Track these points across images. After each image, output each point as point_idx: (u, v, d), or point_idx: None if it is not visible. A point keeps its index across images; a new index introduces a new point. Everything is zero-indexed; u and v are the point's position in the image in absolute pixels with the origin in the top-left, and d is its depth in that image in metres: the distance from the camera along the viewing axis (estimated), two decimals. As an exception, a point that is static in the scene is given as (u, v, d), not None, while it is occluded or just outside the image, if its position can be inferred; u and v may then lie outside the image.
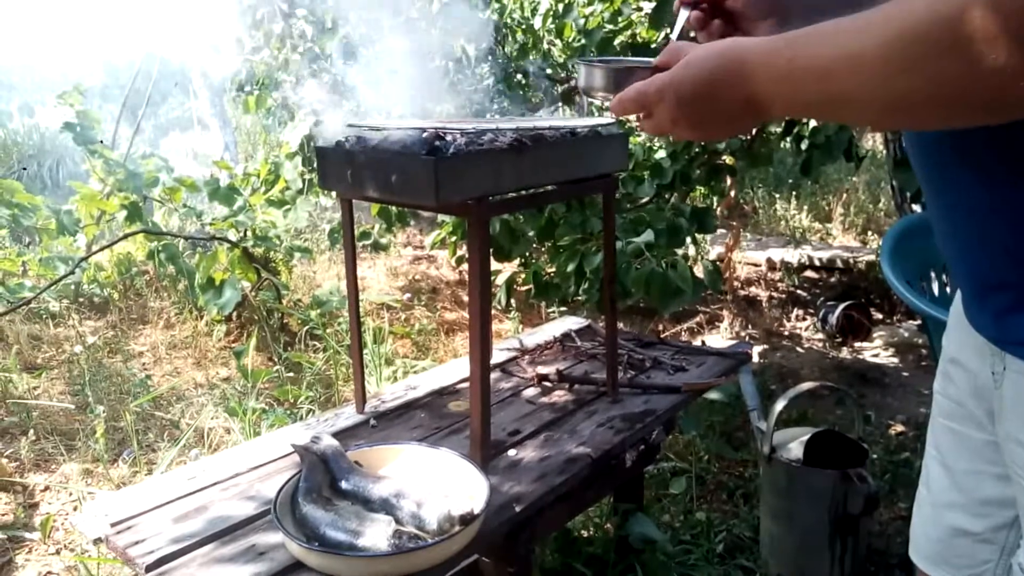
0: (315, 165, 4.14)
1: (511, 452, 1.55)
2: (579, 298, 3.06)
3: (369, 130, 1.50)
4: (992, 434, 0.95)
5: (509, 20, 3.92)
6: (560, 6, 3.71)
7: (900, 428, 3.21)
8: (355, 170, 1.46)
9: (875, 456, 2.84)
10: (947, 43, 0.59)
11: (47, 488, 2.66)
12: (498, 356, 2.10)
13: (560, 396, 1.84)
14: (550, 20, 3.76)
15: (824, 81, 0.70)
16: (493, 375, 1.91)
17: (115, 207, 3.94)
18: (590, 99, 1.07)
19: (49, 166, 9.10)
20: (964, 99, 0.62)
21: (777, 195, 6.96)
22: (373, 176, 1.43)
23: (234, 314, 3.92)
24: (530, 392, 1.87)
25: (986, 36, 0.57)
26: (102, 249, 4.11)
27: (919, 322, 4.34)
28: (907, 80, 0.63)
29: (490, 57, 4.03)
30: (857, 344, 4.27)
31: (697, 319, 4.45)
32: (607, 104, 0.98)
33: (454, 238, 3.65)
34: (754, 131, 3.23)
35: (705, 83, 0.80)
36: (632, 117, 1.04)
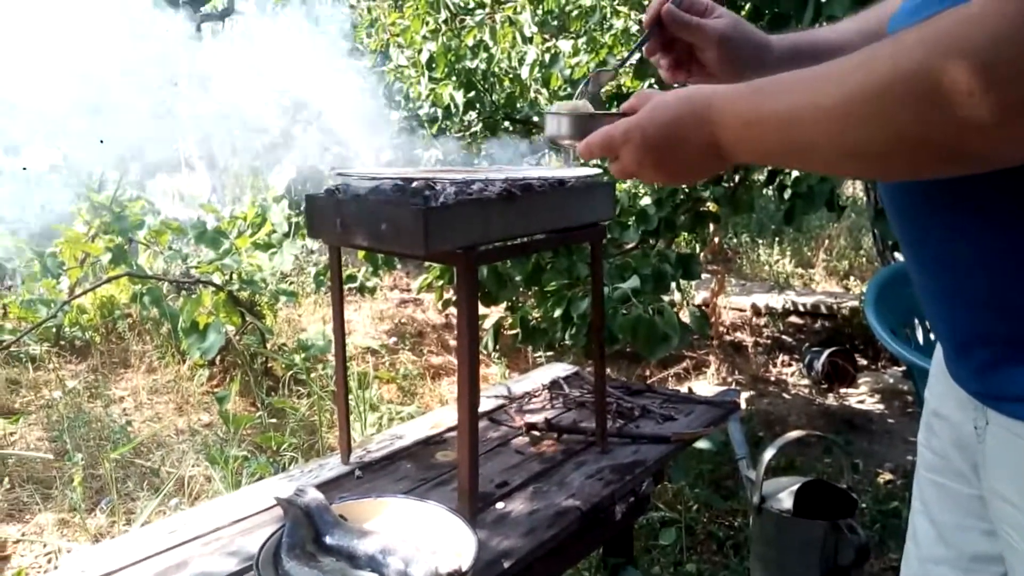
0: (303, 210, 4.15)
1: (499, 505, 1.53)
2: (566, 343, 3.05)
3: (358, 178, 1.50)
4: (978, 488, 0.93)
5: (496, 69, 3.98)
6: (547, 56, 3.78)
7: (888, 476, 3.20)
8: (344, 218, 1.46)
9: (864, 506, 2.82)
10: (907, 97, 0.61)
11: (20, 540, 2.58)
12: (485, 404, 2.08)
13: (549, 446, 1.82)
14: (537, 70, 3.83)
15: (787, 128, 0.72)
16: (481, 424, 1.88)
17: (100, 250, 3.91)
18: (557, 147, 1.09)
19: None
20: (924, 151, 0.64)
21: (760, 241, 7.03)
22: (362, 224, 1.43)
23: (217, 358, 3.87)
24: (518, 441, 1.85)
25: (944, 91, 0.58)
26: (85, 292, 4.07)
27: (904, 368, 4.37)
28: (867, 131, 0.65)
29: (478, 105, 4.08)
30: (843, 390, 4.28)
31: (684, 364, 4.45)
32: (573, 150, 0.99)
33: (441, 282, 3.65)
34: (737, 178, 3.28)
35: (671, 126, 0.81)
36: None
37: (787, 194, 2.82)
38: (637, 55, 1.09)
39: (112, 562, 1.32)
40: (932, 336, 2.69)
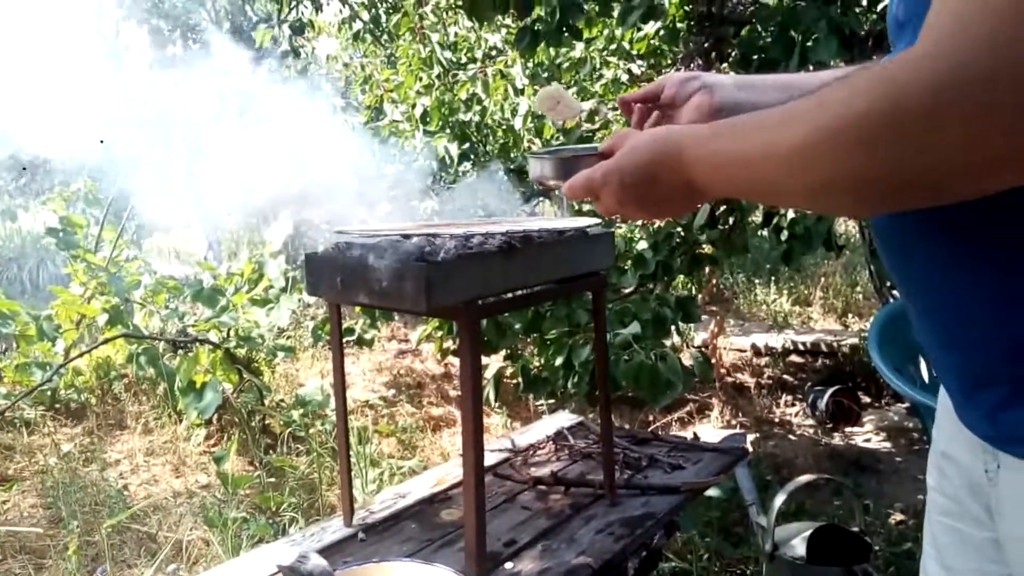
0: (301, 266, 4.13)
1: (508, 565, 1.48)
2: (568, 391, 3.02)
3: (358, 235, 1.50)
4: (992, 531, 0.90)
5: (490, 121, 4.04)
6: (539, 107, 3.83)
7: (900, 517, 3.15)
8: (344, 276, 1.45)
9: (878, 548, 2.77)
10: (859, 137, 0.62)
11: (12, 614, 2.51)
12: (490, 458, 2.04)
13: (556, 500, 1.78)
14: (529, 120, 3.88)
15: (747, 169, 0.75)
16: (486, 479, 1.85)
17: (96, 311, 3.89)
18: (543, 188, 1.18)
19: (29, 269, 9.06)
20: (880, 188, 0.65)
21: (756, 280, 7.05)
22: (362, 282, 1.42)
23: (214, 417, 3.82)
24: (525, 497, 1.81)
25: (896, 131, 0.59)
26: (81, 355, 4.03)
27: (908, 405, 4.34)
28: (825, 171, 0.66)
29: (471, 156, 4.13)
30: (848, 429, 4.24)
31: (687, 408, 4.41)
32: (559, 191, 1.04)
33: (440, 333, 3.63)
34: (732, 221, 3.30)
35: (646, 168, 0.85)
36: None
37: (783, 235, 2.84)
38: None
39: (109, 639, 1.28)
40: (936, 374, 2.67)
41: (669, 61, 4.15)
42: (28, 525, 2.98)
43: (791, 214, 2.80)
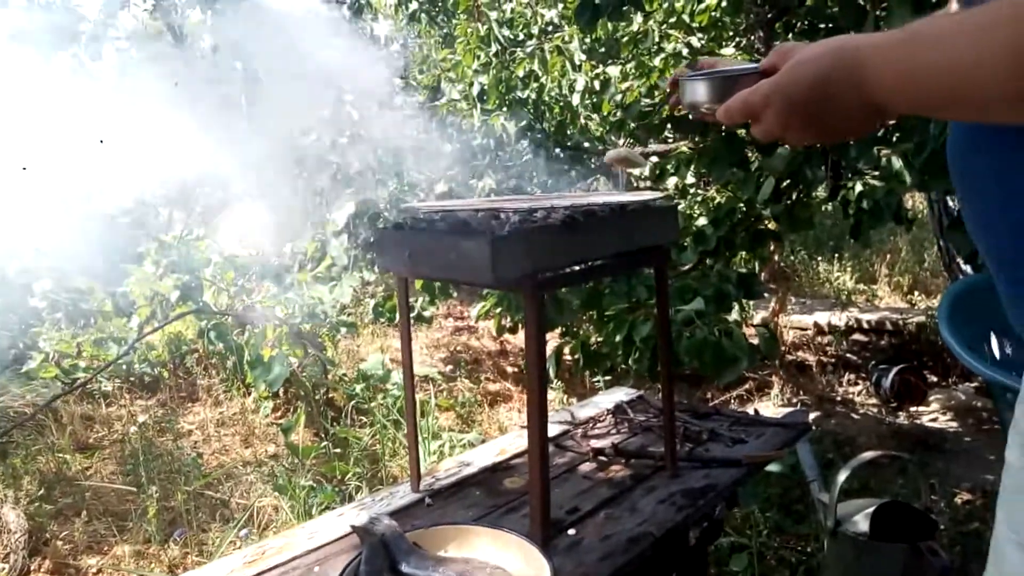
0: (360, 243, 4.19)
1: (571, 531, 1.52)
2: (624, 367, 3.03)
3: (426, 211, 1.53)
4: None
5: (547, 98, 4.03)
6: (597, 83, 3.80)
7: (967, 496, 3.08)
8: (413, 250, 1.49)
9: (943, 527, 2.72)
10: None
11: (99, 571, 2.66)
12: (550, 429, 2.06)
13: (617, 471, 1.80)
14: (587, 97, 3.86)
15: (953, 78, 0.67)
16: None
17: (168, 288, 4.05)
18: (696, 114, 1.04)
19: (103, 248, 9.43)
20: None
21: (819, 258, 6.89)
22: (431, 255, 1.46)
23: (281, 390, 3.95)
24: (585, 467, 1.83)
25: None
26: (155, 330, 4.20)
27: (976, 384, 4.21)
28: None
29: (528, 133, 4.13)
30: (913, 409, 4.14)
31: (746, 386, 4.37)
32: (713, 116, 0.94)
33: (498, 309, 3.66)
34: (796, 195, 3.23)
35: (816, 85, 0.77)
36: None
37: (851, 209, 2.77)
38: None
39: (197, 591, 1.36)
40: (1009, 351, 2.58)
41: (731, 33, 4.07)
42: (110, 490, 3.15)
43: (859, 187, 2.73)
